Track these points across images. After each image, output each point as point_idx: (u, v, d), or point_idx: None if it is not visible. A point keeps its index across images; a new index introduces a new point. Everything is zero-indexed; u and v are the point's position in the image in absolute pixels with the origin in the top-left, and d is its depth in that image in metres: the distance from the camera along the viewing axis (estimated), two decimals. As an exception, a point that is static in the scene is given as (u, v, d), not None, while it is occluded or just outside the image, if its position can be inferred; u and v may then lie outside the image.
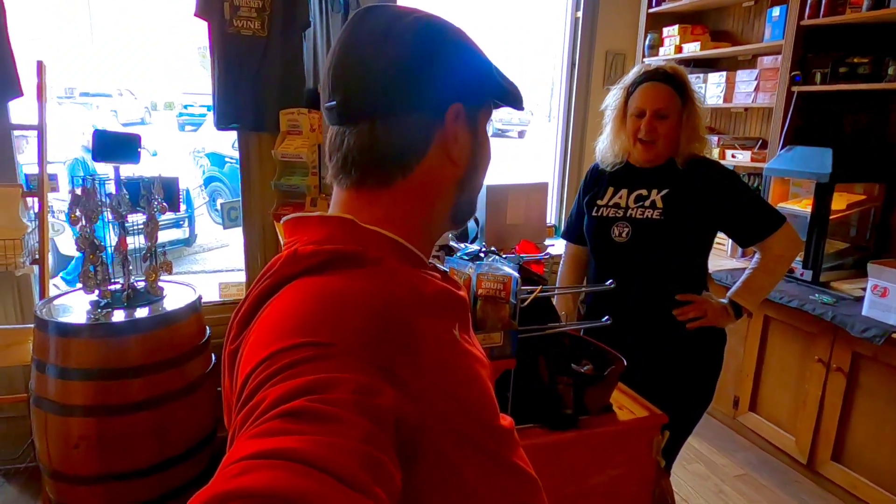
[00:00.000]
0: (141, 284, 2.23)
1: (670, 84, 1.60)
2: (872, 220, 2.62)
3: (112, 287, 2.15)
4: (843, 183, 2.50)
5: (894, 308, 2.09)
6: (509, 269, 1.15)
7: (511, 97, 0.67)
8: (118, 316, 2.07)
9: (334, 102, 0.62)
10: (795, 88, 2.63)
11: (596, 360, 1.36)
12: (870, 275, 2.19)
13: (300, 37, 2.49)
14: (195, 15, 2.42)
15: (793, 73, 2.63)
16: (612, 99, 1.72)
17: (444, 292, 0.63)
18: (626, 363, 1.29)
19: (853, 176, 2.53)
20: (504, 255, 1.37)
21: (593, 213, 1.73)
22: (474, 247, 1.37)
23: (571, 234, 1.91)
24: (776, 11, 2.75)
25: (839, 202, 2.55)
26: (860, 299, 2.25)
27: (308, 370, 0.47)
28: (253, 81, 2.43)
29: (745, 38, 3.16)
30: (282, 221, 0.68)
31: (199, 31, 2.46)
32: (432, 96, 0.62)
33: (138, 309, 2.12)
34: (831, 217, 2.51)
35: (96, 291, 2.12)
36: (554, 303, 1.64)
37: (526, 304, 1.23)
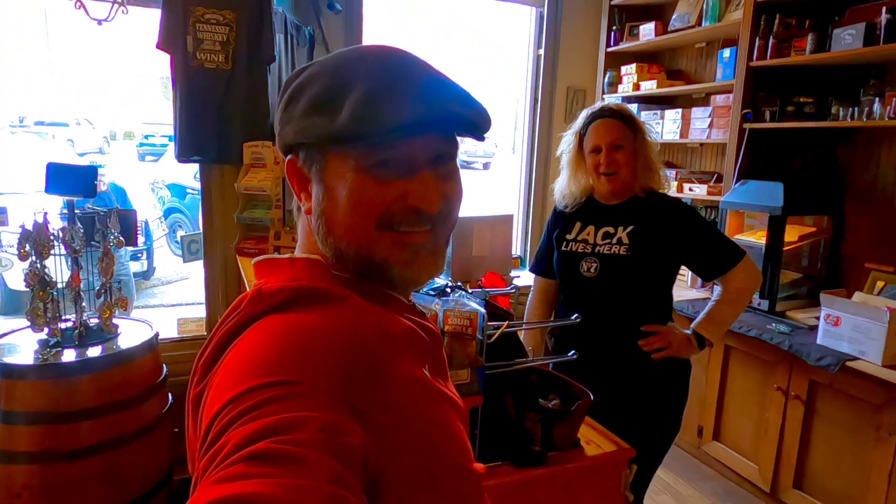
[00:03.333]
0: (94, 322, 2.15)
1: (618, 118, 1.68)
2: (822, 251, 2.72)
3: (63, 325, 2.06)
4: (795, 216, 2.60)
5: (846, 336, 2.16)
6: (475, 305, 1.15)
7: (361, 136, 0.57)
8: (69, 355, 1.98)
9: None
10: (747, 125, 2.75)
11: (563, 395, 1.36)
12: (822, 304, 2.27)
13: (265, 70, 2.49)
14: (157, 47, 2.39)
15: (744, 111, 2.75)
16: (566, 144, 1.80)
17: (411, 332, 0.63)
18: (592, 397, 1.29)
19: (803, 209, 2.64)
20: (470, 290, 1.36)
21: (563, 248, 1.76)
22: (441, 281, 1.37)
23: (540, 267, 1.93)
24: (727, 53, 2.88)
25: (791, 234, 2.65)
26: (814, 328, 2.32)
27: (273, 410, 0.46)
28: (216, 114, 2.41)
29: (699, 77, 3.30)
30: (252, 262, 0.67)
31: (161, 60, 2.44)
32: (281, 150, 0.66)
33: (91, 347, 2.04)
34: (785, 248, 2.60)
35: (45, 330, 2.03)
36: (521, 337, 1.64)
37: (493, 339, 1.23)
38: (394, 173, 0.60)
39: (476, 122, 0.61)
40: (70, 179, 2.05)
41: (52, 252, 2.02)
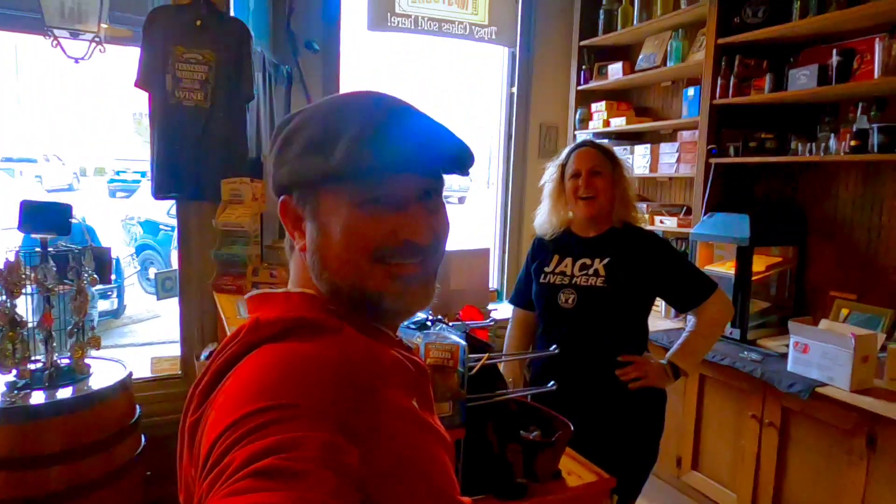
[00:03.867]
0: (65, 362, 2.10)
1: (598, 149, 1.77)
2: (789, 280, 2.81)
3: (32, 366, 2.01)
4: (761, 246, 2.69)
5: (815, 363, 2.22)
6: (456, 338, 1.16)
7: (355, 174, 0.60)
8: (37, 397, 1.93)
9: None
10: (713, 160, 2.86)
11: (543, 426, 1.37)
12: (791, 332, 2.33)
13: (244, 108, 2.51)
14: (136, 85, 2.41)
15: (709, 147, 2.86)
16: (549, 175, 1.86)
17: (400, 363, 0.65)
18: (573, 428, 1.31)
19: (769, 240, 2.74)
20: (450, 323, 1.38)
21: (541, 280, 1.80)
22: (421, 315, 1.38)
23: (519, 299, 1.97)
24: (691, 91, 3.01)
25: (759, 264, 2.74)
26: (785, 356, 2.38)
27: (275, 431, 0.48)
28: (194, 151, 2.41)
29: (666, 114, 3.43)
30: (246, 297, 0.70)
31: (135, 97, 2.45)
32: (275, 191, 0.70)
33: (61, 388, 1.99)
34: (753, 278, 2.68)
35: (14, 371, 1.97)
36: (500, 369, 1.65)
37: (474, 372, 1.24)
38: (385, 209, 0.63)
39: (461, 159, 0.65)
40: (44, 217, 2.03)
41: (23, 291, 1.98)
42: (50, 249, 2.04)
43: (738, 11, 2.70)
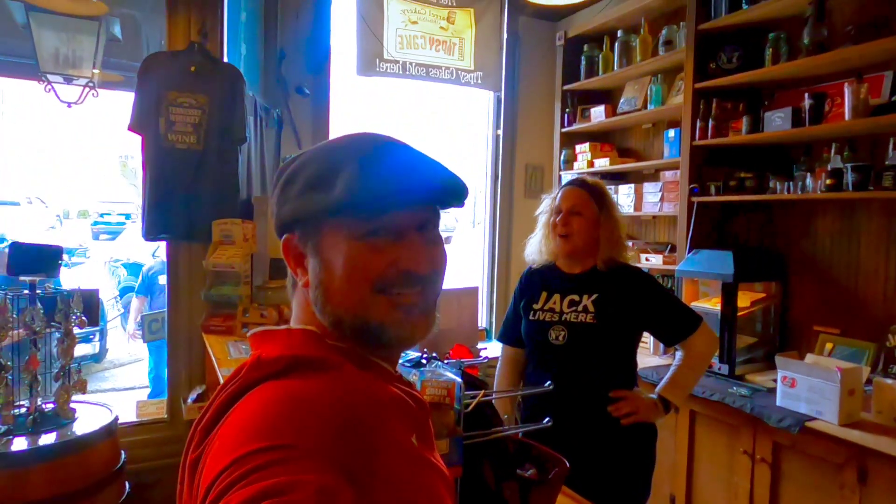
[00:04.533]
0: (50, 407, 2.05)
1: (586, 189, 1.81)
2: (773, 315, 2.86)
3: (16, 411, 1.97)
4: (745, 282, 2.74)
5: (803, 397, 2.24)
6: (452, 375, 1.17)
7: (355, 207, 0.63)
8: (20, 444, 1.88)
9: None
10: (695, 199, 2.93)
11: (538, 464, 1.36)
12: (778, 367, 2.36)
13: (236, 150, 2.55)
14: (129, 129, 2.44)
15: (691, 186, 2.94)
16: (544, 206, 1.91)
17: (400, 400, 0.65)
18: (568, 465, 1.31)
19: (752, 276, 2.79)
20: (445, 361, 1.39)
21: (531, 318, 1.82)
22: (415, 354, 1.39)
23: (508, 337, 1.98)
24: (672, 133, 3.11)
25: (744, 300, 2.78)
26: (773, 390, 2.40)
27: (271, 473, 0.48)
28: (186, 193, 2.44)
29: (648, 155, 3.53)
30: (249, 334, 0.71)
31: (122, 139, 2.49)
32: (277, 231, 0.72)
33: (44, 434, 1.94)
34: (739, 314, 2.72)
35: (-3, 417, 1.93)
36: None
37: (470, 408, 1.25)
38: (385, 240, 0.65)
39: (455, 191, 0.69)
40: (33, 259, 2.02)
41: (8, 335, 1.95)
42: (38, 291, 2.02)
43: (714, 57, 2.82)
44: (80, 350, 5.21)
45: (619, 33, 3.43)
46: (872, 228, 2.53)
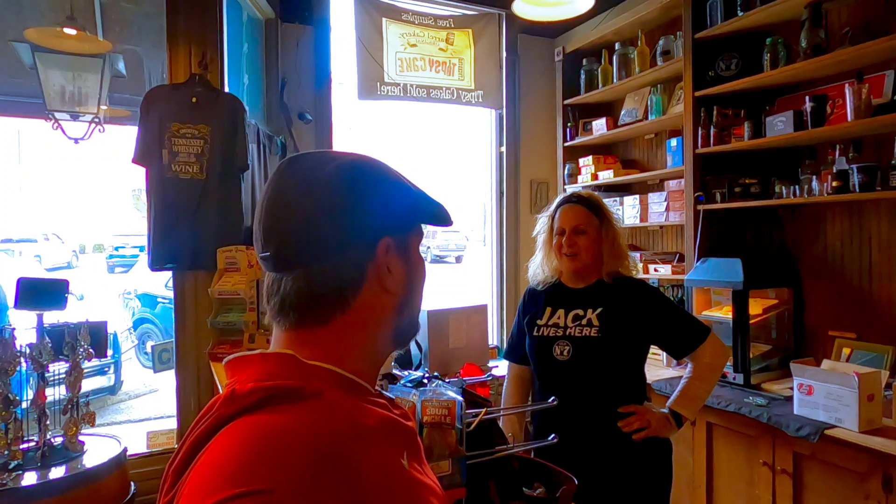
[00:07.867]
0: (58, 440, 2.06)
1: (584, 205, 1.79)
2: (787, 321, 2.80)
3: (24, 446, 1.97)
4: (756, 289, 2.70)
5: (822, 405, 2.18)
6: (453, 394, 1.16)
7: (438, 218, 0.70)
8: (29, 478, 1.88)
9: (268, 254, 0.63)
10: (700, 207, 2.91)
11: (547, 482, 1.33)
12: (794, 374, 2.31)
13: (238, 178, 2.58)
14: (133, 161, 2.48)
15: (696, 194, 2.91)
16: (541, 226, 1.89)
17: (387, 421, 0.64)
18: (577, 482, 1.28)
19: (763, 282, 2.74)
20: (448, 380, 1.37)
21: (534, 334, 1.79)
22: (417, 374, 1.37)
23: (514, 354, 1.95)
24: (674, 142, 3.10)
25: (755, 307, 2.73)
26: (790, 399, 2.34)
27: None
28: (190, 222, 2.46)
29: (651, 165, 3.52)
30: (223, 362, 0.67)
31: (133, 173, 2.52)
32: (361, 235, 0.64)
33: (54, 468, 1.94)
34: (751, 321, 2.67)
35: (5, 452, 1.93)
36: (500, 424, 1.63)
37: (472, 427, 1.22)
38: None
39: (439, 216, 0.71)
40: (40, 293, 2.04)
41: (17, 370, 1.97)
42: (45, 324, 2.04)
43: (712, 65, 2.82)
44: (96, 383, 5.27)
45: (617, 46, 3.44)
46: (882, 229, 2.49)
